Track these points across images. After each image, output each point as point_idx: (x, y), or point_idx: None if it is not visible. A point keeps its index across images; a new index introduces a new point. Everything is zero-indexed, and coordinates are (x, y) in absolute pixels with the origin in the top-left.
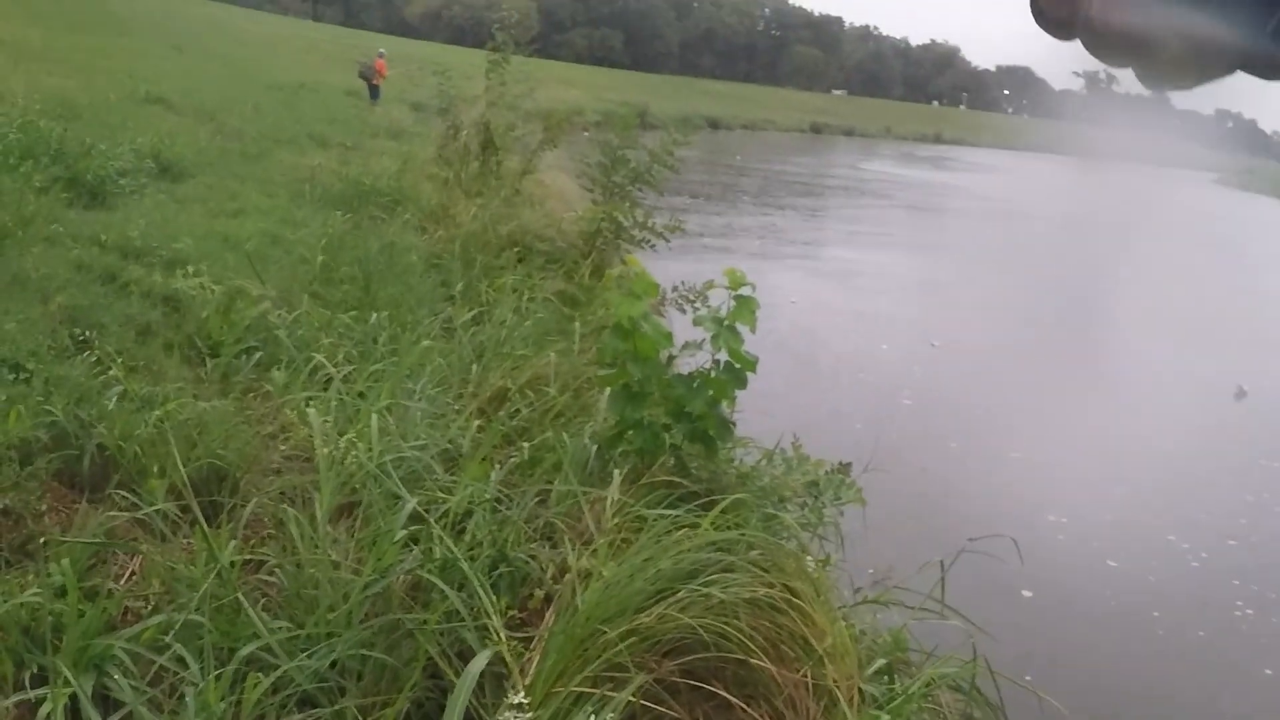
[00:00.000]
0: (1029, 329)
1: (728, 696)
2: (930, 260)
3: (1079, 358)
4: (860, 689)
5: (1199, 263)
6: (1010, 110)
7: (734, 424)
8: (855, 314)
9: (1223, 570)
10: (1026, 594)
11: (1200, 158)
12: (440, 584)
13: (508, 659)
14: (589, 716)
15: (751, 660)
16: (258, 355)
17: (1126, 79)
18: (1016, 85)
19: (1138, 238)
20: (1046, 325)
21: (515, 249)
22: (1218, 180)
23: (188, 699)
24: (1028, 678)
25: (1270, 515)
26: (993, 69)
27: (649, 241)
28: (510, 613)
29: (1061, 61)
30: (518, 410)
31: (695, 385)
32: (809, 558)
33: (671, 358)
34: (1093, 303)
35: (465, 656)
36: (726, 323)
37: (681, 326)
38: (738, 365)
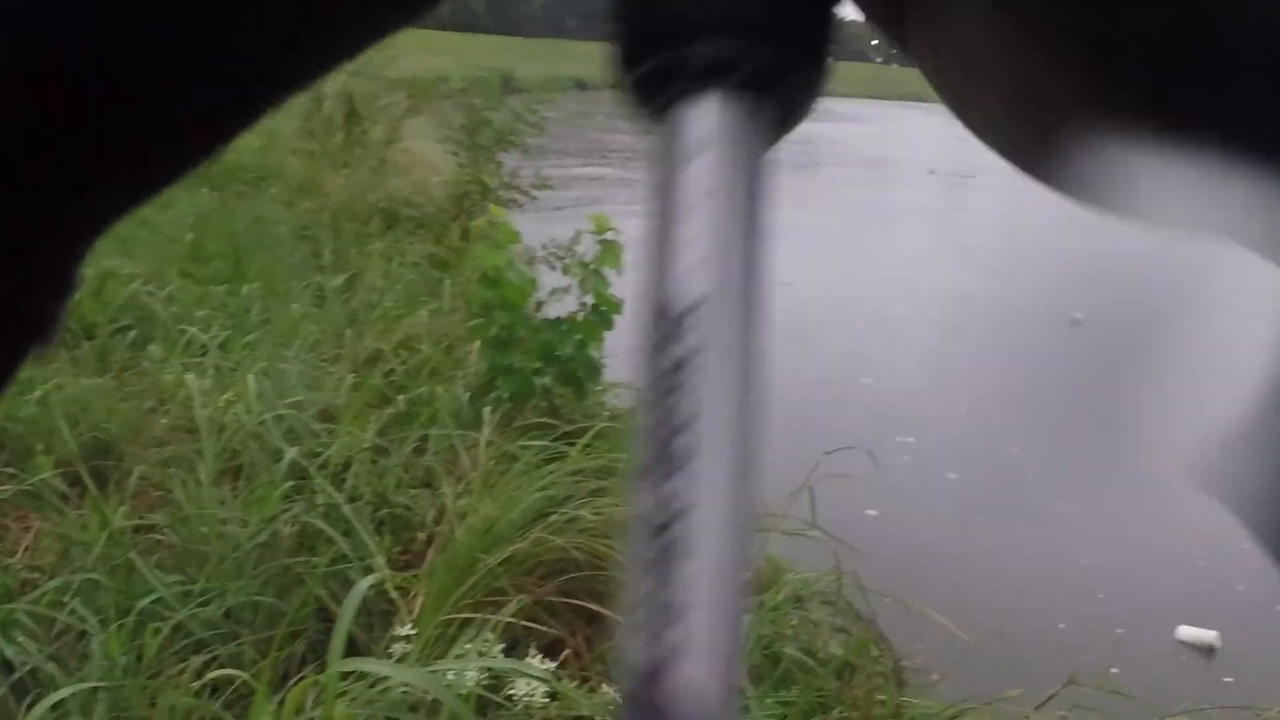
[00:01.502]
0: (874, 271)
1: (603, 611)
2: (795, 213)
3: (927, 294)
4: None
5: (1036, 199)
6: (879, 60)
7: (604, 365)
8: None
9: (1055, 474)
10: (871, 512)
11: None
12: (325, 527)
13: (393, 593)
14: (471, 638)
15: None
16: (132, 334)
17: None
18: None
19: (987, 180)
20: (894, 270)
21: (384, 216)
22: None
23: (93, 648)
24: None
25: (1096, 413)
26: (860, 19)
27: (516, 200)
28: (394, 552)
29: None
30: (392, 369)
31: (563, 329)
32: None
33: (540, 304)
34: (938, 246)
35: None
36: (592, 267)
37: (555, 283)
38: (604, 308)
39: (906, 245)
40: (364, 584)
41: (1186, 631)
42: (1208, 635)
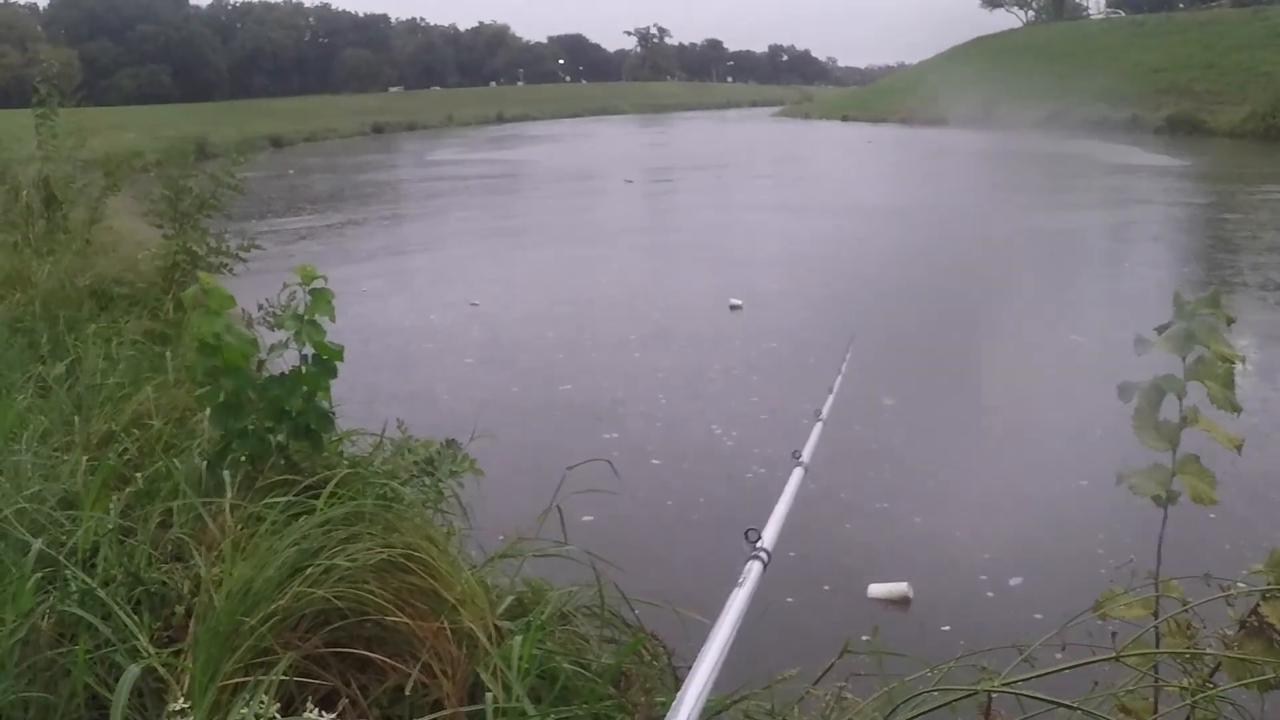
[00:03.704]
0: (568, 284)
1: (373, 657)
2: (493, 237)
3: (620, 301)
4: (497, 626)
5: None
6: (568, 78)
7: (334, 415)
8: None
9: (749, 441)
10: (587, 518)
11: (763, 94)
12: (83, 614)
13: (161, 671)
14: (247, 702)
15: (388, 619)
16: None
17: (678, 31)
18: (570, 53)
19: (684, 181)
20: (597, 282)
21: (96, 298)
22: (781, 113)
23: None
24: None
25: (768, 395)
26: (545, 40)
27: (227, 265)
28: (156, 630)
29: (612, 22)
30: (126, 449)
31: (289, 384)
32: (429, 524)
33: (262, 363)
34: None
35: None
36: (306, 317)
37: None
38: (325, 356)
39: (608, 257)
40: (132, 672)
41: (878, 588)
42: (899, 587)
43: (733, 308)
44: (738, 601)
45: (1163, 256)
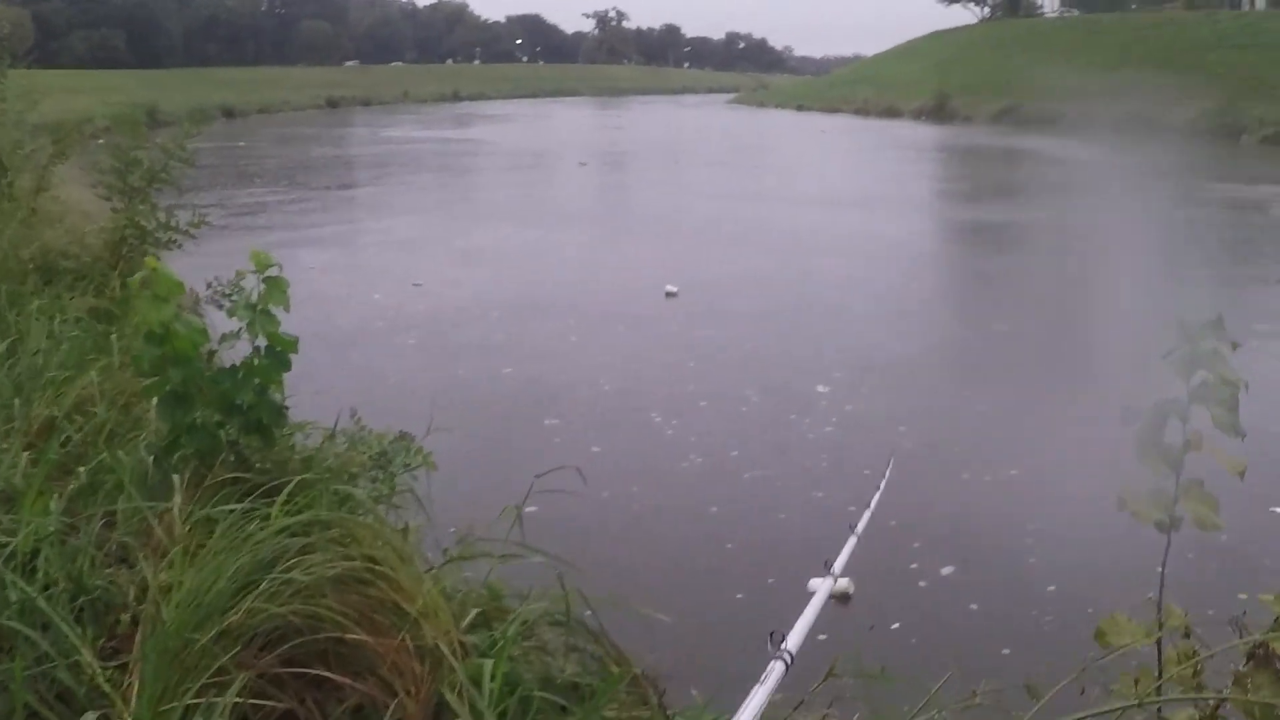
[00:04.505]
0: (514, 265)
1: (332, 676)
2: (443, 216)
3: (565, 284)
4: (462, 642)
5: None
6: (525, 59)
7: (288, 408)
8: (350, 269)
9: (688, 430)
10: (530, 509)
11: (719, 80)
12: (20, 627)
13: (107, 689)
14: None
15: (348, 636)
16: None
17: (636, 15)
18: (528, 33)
19: (637, 166)
20: (542, 265)
21: (40, 272)
22: (736, 100)
23: None
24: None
25: (705, 382)
26: (503, 20)
27: (175, 241)
28: (100, 642)
29: (571, 4)
30: (68, 437)
31: (240, 376)
32: (387, 528)
33: (213, 353)
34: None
35: (66, 698)
36: (260, 307)
37: (226, 325)
38: (279, 348)
39: (555, 240)
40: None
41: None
42: (840, 583)
43: (668, 295)
44: (757, 698)
45: (1073, 246)
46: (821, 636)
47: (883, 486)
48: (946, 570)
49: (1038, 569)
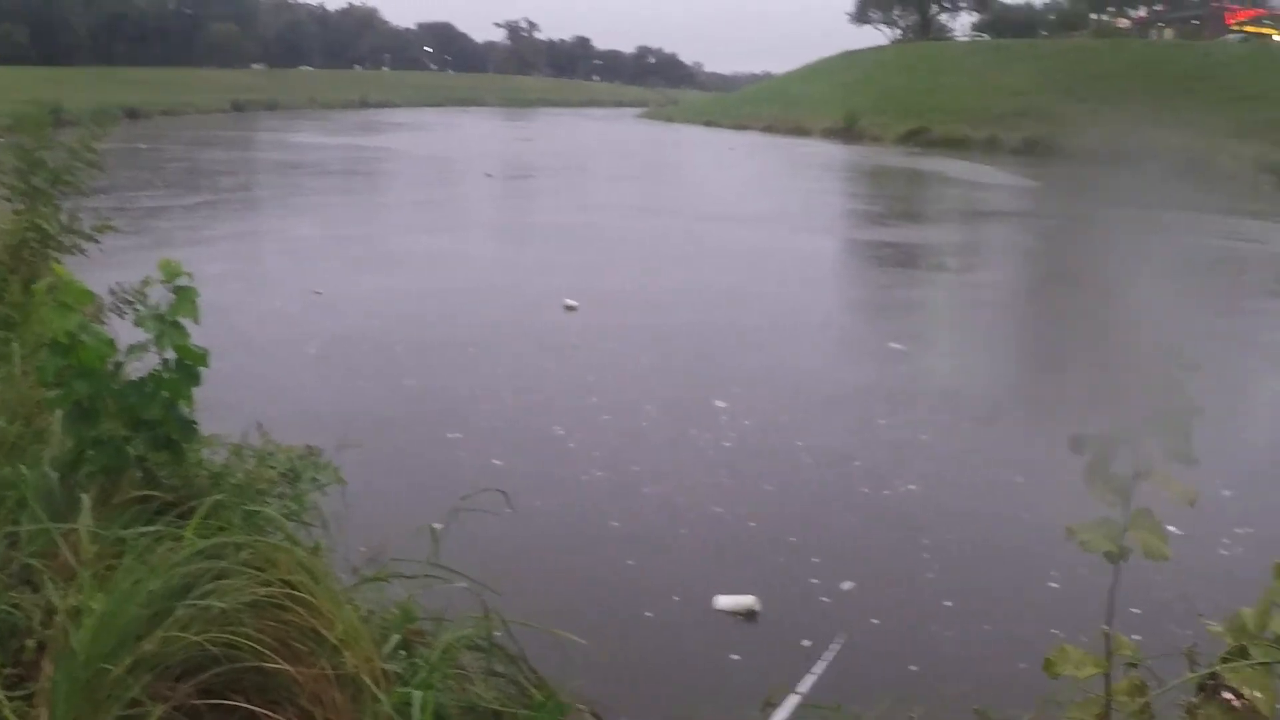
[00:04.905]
0: (416, 275)
1: (250, 708)
2: (346, 225)
3: (467, 294)
4: (384, 669)
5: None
6: (435, 67)
7: (196, 423)
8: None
9: (590, 443)
10: (436, 525)
11: (628, 94)
12: None
13: (11, 718)
14: None
15: (266, 665)
16: None
17: (548, 26)
18: (439, 41)
19: (543, 178)
20: (445, 275)
21: None
22: (645, 114)
23: None
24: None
25: (606, 396)
26: (414, 27)
27: (79, 246)
28: (3, 670)
29: (482, 13)
30: None
31: (148, 390)
32: (298, 548)
33: (119, 365)
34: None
35: None
36: (169, 318)
37: (128, 332)
38: (188, 361)
39: (458, 251)
40: None
41: (724, 601)
42: (745, 600)
43: (568, 308)
44: None
45: (976, 266)
46: (734, 656)
47: (830, 659)
48: (846, 585)
49: (935, 584)
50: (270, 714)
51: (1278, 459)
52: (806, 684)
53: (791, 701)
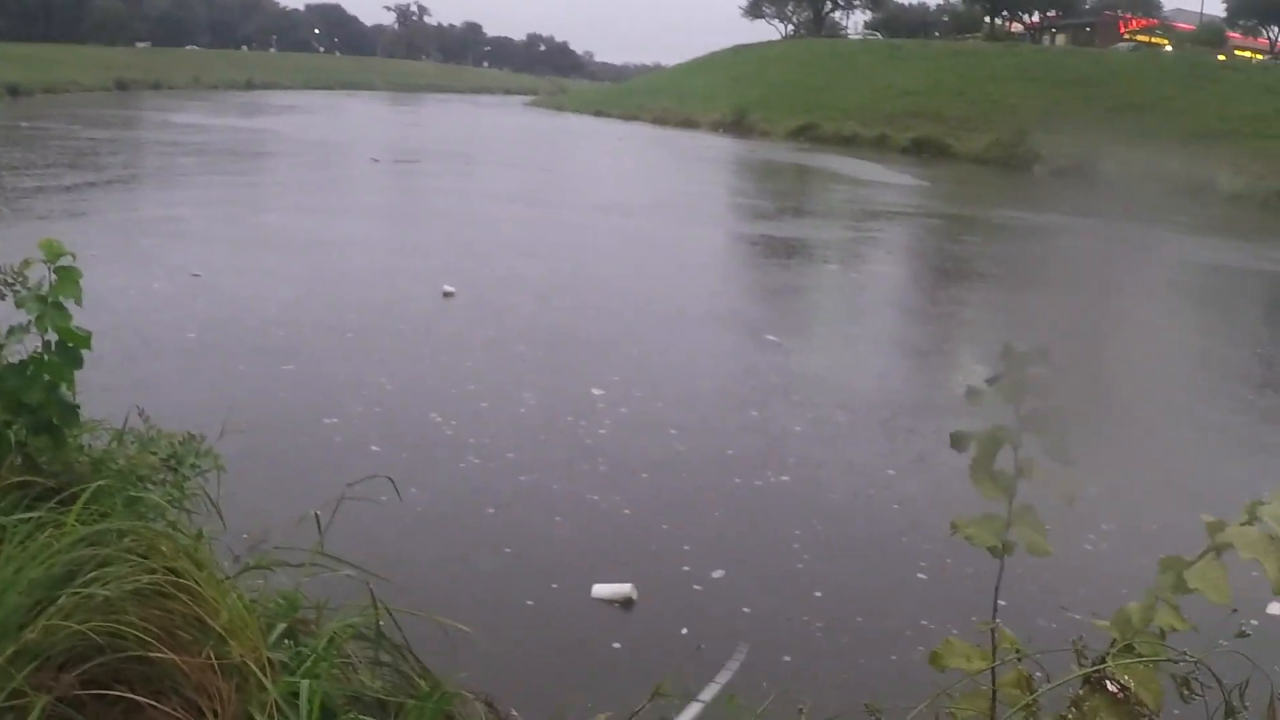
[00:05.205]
0: (294, 259)
1: (135, 698)
2: (227, 207)
3: (345, 279)
4: (269, 659)
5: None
6: (322, 49)
7: (79, 406)
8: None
9: (466, 430)
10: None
11: (518, 82)
12: None
13: None
14: None
15: (151, 654)
16: None
17: (438, 11)
18: (327, 23)
19: (429, 165)
20: (323, 260)
21: None
22: (534, 102)
23: None
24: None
25: (483, 383)
26: (302, 9)
27: None
28: None
29: None
30: None
31: (29, 373)
32: (182, 534)
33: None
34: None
35: None
36: (51, 299)
37: (8, 313)
38: (71, 344)
39: (339, 236)
40: None
41: (602, 589)
42: (623, 588)
43: (446, 294)
44: None
45: (856, 263)
46: (615, 645)
47: (734, 670)
48: (717, 574)
49: (805, 574)
50: (155, 704)
51: (1137, 454)
52: (710, 692)
53: (694, 709)
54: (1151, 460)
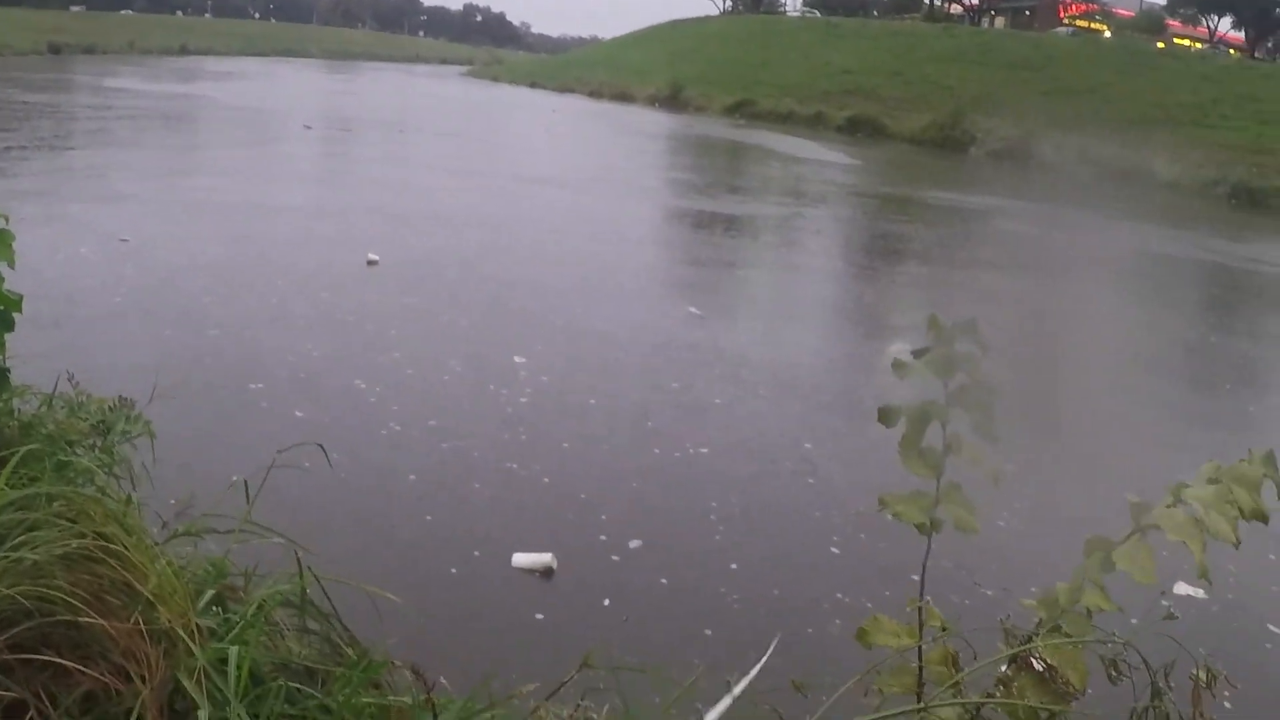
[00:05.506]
0: (223, 226)
1: (63, 662)
2: (156, 172)
3: (272, 245)
4: (198, 625)
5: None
6: (258, 15)
7: (9, 370)
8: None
9: (390, 397)
10: (235, 476)
11: (454, 52)
12: None
13: None
14: None
15: (79, 619)
16: None
17: None
18: None
19: (363, 134)
20: (251, 227)
21: None
22: (470, 73)
23: None
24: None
25: (408, 350)
26: None
27: None
28: None
29: None
30: None
31: None
32: (110, 499)
33: None
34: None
35: None
36: None
37: None
38: (2, 307)
39: (268, 203)
40: None
41: (522, 559)
42: (543, 558)
43: (370, 263)
44: None
45: (789, 240)
46: (539, 616)
47: (763, 660)
48: (634, 544)
49: (722, 546)
50: (82, 669)
51: (1051, 432)
52: (741, 685)
53: (724, 704)
54: (1067, 440)
